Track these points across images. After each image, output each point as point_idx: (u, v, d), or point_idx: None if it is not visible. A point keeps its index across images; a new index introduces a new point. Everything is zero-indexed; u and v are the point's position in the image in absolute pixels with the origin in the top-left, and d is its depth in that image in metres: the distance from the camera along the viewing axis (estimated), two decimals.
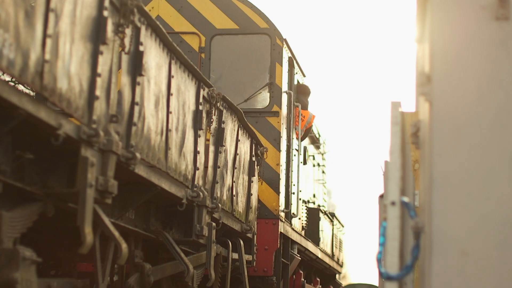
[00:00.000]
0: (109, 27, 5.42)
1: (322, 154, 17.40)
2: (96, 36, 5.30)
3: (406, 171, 4.42)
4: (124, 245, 5.86)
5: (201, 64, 11.73)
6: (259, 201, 10.94)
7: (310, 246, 13.91)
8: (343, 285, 18.35)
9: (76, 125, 5.12)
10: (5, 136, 4.75)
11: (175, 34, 11.71)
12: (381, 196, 6.92)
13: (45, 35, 4.61)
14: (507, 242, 3.43)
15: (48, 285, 5.69)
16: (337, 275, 17.77)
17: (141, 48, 6.00)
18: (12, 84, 3.97)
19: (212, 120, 7.90)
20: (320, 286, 15.17)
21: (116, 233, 5.87)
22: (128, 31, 5.75)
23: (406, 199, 3.93)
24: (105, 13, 5.36)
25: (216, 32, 11.92)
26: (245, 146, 9.41)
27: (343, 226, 18.25)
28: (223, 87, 11.41)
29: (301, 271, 13.39)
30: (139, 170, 6.08)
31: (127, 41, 5.72)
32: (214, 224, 8.07)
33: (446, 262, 3.44)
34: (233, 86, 11.77)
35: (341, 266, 18.02)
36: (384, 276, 3.76)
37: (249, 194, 9.75)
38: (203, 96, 7.64)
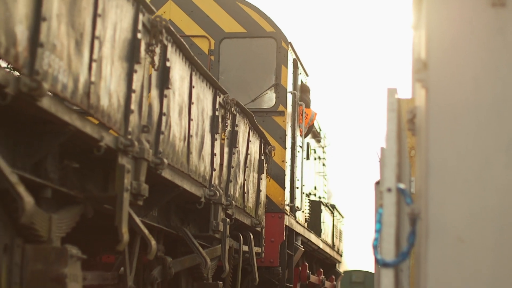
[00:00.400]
0: (142, 47, 6.02)
1: (323, 148, 17.99)
2: (131, 56, 5.89)
3: (402, 158, 4.33)
4: (153, 242, 6.47)
5: (211, 66, 12.31)
6: (266, 196, 11.54)
7: (312, 237, 14.53)
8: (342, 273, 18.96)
9: (115, 136, 5.72)
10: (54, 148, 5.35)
11: (186, 37, 12.28)
12: (377, 183, 6.85)
13: (91, 60, 5.21)
14: (503, 229, 3.40)
15: (84, 277, 6.28)
16: (337, 264, 18.40)
17: (167, 64, 6.60)
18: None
19: (227, 124, 8.50)
20: (324, 276, 15.76)
21: (146, 231, 6.48)
22: (157, 50, 6.34)
23: (402, 185, 3.86)
24: (139, 35, 5.96)
25: (224, 35, 12.50)
26: (255, 146, 10.01)
27: (342, 217, 18.89)
28: (231, 88, 11.97)
29: (306, 263, 14.00)
30: (165, 173, 6.69)
31: (156, 58, 6.31)
32: (228, 220, 8.68)
33: (442, 248, 3.41)
34: (241, 87, 12.35)
35: (341, 255, 18.65)
36: (380, 263, 3.69)
37: (258, 191, 10.36)
38: (219, 102, 8.25)
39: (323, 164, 17.85)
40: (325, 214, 15.91)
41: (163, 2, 12.64)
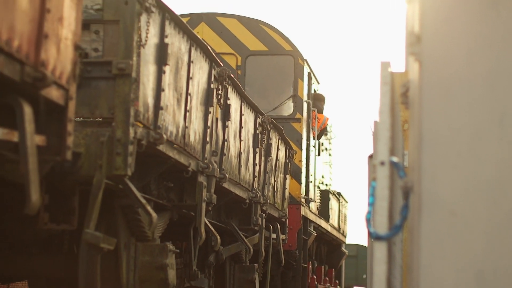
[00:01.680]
0: (214, 93, 7.93)
1: (329, 140, 19.90)
2: (207, 101, 7.81)
3: (396, 131, 4.26)
4: (218, 237, 8.41)
5: (238, 79, 14.21)
6: None
7: (322, 223, 16.49)
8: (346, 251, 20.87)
9: (196, 161, 7.65)
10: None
11: (216, 54, 14.15)
12: (371, 156, 6.78)
13: (185, 111, 7.13)
14: (496, 202, 3.35)
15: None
16: (343, 245, 20.37)
17: (228, 102, 8.52)
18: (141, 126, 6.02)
19: (264, 139, 10.42)
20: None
21: (213, 229, 8.41)
22: (223, 93, 8.26)
23: (395, 159, 3.82)
24: (212, 85, 7.87)
25: (249, 53, 14.39)
26: (282, 153, 11.96)
27: (346, 202, 20.85)
28: (255, 98, 13.88)
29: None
30: (225, 184, 8.62)
31: (222, 100, 8.23)
32: (264, 215, 10.64)
33: (435, 222, 3.36)
34: (263, 97, 14.26)
35: (345, 236, 20.62)
36: (373, 236, 3.65)
37: (284, 188, 12.32)
38: (259, 123, 10.18)
39: (329, 154, 19.76)
40: (333, 202, 17.85)
41: (197, 23, 14.51)
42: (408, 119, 5.04)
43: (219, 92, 8.15)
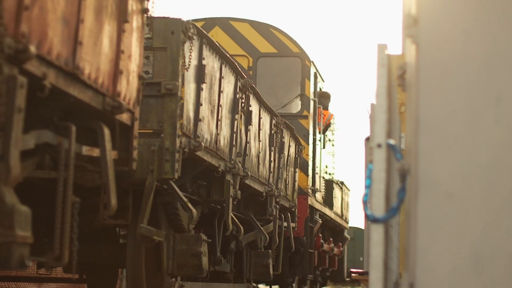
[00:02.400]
0: (239, 102, 8.97)
1: (332, 131, 20.93)
2: (233, 109, 8.85)
3: (392, 114, 4.20)
4: (241, 227, 9.45)
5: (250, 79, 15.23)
6: None
7: (327, 211, 17.56)
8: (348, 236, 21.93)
9: (225, 162, 8.69)
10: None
11: (229, 56, 15.16)
12: (367, 139, 6.72)
13: (217, 120, 8.16)
14: (493, 184, 3.32)
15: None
16: (345, 231, 21.45)
17: (250, 108, 9.56)
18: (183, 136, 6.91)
19: (278, 138, 11.47)
20: (333, 244, 18.69)
21: (236, 220, 9.46)
22: (246, 101, 9.30)
23: (392, 141, 3.78)
24: (237, 95, 8.91)
25: (260, 55, 15.40)
26: (292, 149, 13.01)
27: (349, 190, 21.92)
28: (265, 97, 14.91)
29: (320, 234, 16.98)
30: (247, 181, 9.67)
31: (245, 107, 9.27)
32: (278, 206, 11.69)
33: (432, 204, 3.34)
34: (273, 96, 15.26)
35: (348, 223, 21.70)
36: (370, 219, 3.62)
37: (294, 181, 13.38)
38: (274, 124, 11.22)
39: (332, 145, 20.80)
40: (336, 190, 18.91)
41: (211, 27, 15.51)
42: (405, 101, 4.97)
43: (243, 100, 9.19)
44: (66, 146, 4.99)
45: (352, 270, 19.18)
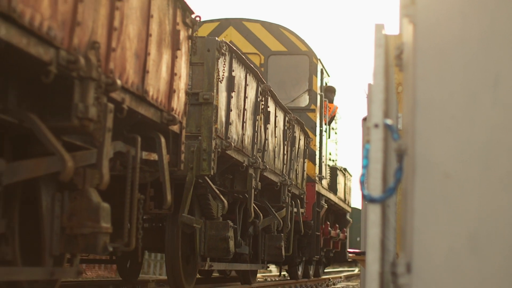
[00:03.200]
0: (260, 104, 10.10)
1: (335, 120, 22.05)
2: (255, 111, 9.98)
3: (390, 94, 4.20)
4: (261, 215, 10.61)
5: (262, 76, 16.35)
6: None
7: (331, 196, 18.72)
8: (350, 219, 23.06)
9: (248, 158, 9.83)
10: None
11: (243, 54, 16.27)
12: (365, 119, 6.75)
13: (243, 122, 9.30)
14: (490, 165, 3.29)
15: None
16: (347, 214, 22.61)
17: (268, 109, 10.69)
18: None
19: (290, 133, 12.60)
20: (339, 230, 19.86)
21: (257, 208, 10.60)
22: (265, 103, 10.42)
23: (389, 121, 3.74)
24: (258, 98, 10.04)
25: (271, 53, 16.51)
26: (302, 141, 14.16)
27: (351, 176, 23.08)
28: (276, 92, 16.03)
29: (328, 222, 18.14)
30: (266, 174, 10.82)
31: (264, 108, 10.40)
32: (290, 194, 12.85)
33: (429, 184, 3.31)
34: (283, 91, 16.39)
35: (350, 206, 22.88)
36: (367, 199, 3.59)
37: (303, 170, 14.53)
38: (287, 120, 12.35)
39: (335, 133, 21.95)
40: (340, 177, 20.07)
41: (225, 28, 16.61)
42: (402, 81, 4.88)
43: (263, 103, 10.32)
44: (132, 153, 6.13)
45: (349, 250, 20.12)
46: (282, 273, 19.74)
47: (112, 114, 5.27)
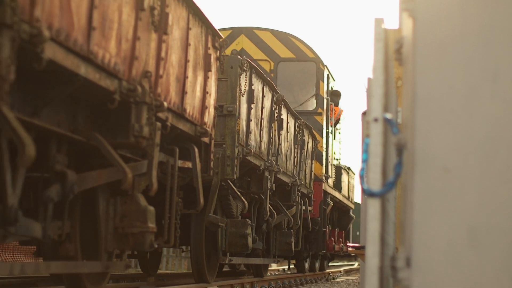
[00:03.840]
0: (275, 114, 10.98)
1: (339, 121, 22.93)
2: (270, 119, 10.87)
3: (389, 88, 4.19)
4: (275, 214, 11.52)
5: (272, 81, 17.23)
6: None
7: (336, 194, 19.62)
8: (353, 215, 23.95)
9: (264, 162, 10.72)
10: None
11: (253, 60, 17.14)
12: (364, 113, 6.75)
13: (260, 131, 10.18)
14: (489, 159, 3.26)
15: None
16: (350, 210, 23.52)
17: (282, 117, 11.58)
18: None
19: (300, 137, 13.50)
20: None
21: (271, 208, 11.52)
22: (278, 111, 11.31)
23: (389, 115, 3.71)
24: (273, 107, 10.92)
25: (280, 59, 17.40)
26: (310, 144, 15.06)
27: (354, 174, 23.98)
28: (285, 96, 16.89)
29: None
30: (279, 176, 11.71)
31: (278, 116, 11.28)
32: (300, 193, 13.74)
33: (428, 178, 3.27)
34: (292, 96, 17.28)
35: (353, 203, 23.78)
36: (366, 193, 3.56)
37: (311, 171, 15.43)
38: (297, 125, 13.25)
39: (339, 133, 22.83)
40: (344, 175, 20.97)
41: (237, 35, 17.50)
42: (401, 75, 4.78)
43: (277, 111, 11.21)
44: (171, 162, 7.03)
45: (348, 244, 20.67)
46: (290, 266, 20.63)
47: (160, 131, 6.15)
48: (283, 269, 21.46)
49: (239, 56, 9.15)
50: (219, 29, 18.13)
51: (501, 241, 3.27)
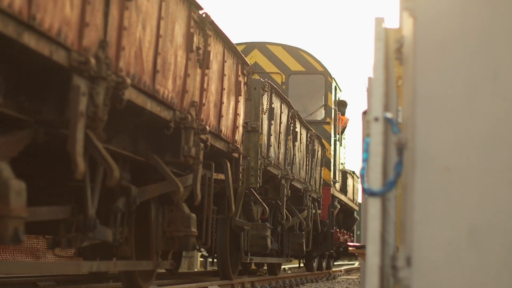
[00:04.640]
0: (291, 127, 12.05)
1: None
2: (287, 132, 11.94)
3: (390, 87, 4.19)
4: (290, 218, 12.61)
5: (283, 92, 18.29)
6: None
7: (342, 197, 20.71)
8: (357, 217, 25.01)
9: (281, 171, 11.78)
10: None
11: (266, 73, 18.23)
12: (365, 112, 6.76)
13: (278, 143, 11.25)
14: (489, 158, 3.24)
15: None
16: (355, 212, 24.59)
17: (296, 129, 12.66)
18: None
19: (311, 146, 14.57)
20: (347, 236, 21.83)
21: (287, 212, 12.61)
22: (293, 125, 12.38)
23: (389, 115, 3.65)
24: (289, 122, 11.99)
25: (291, 72, 18.48)
26: (319, 152, 16.15)
27: (358, 178, 25.06)
28: (295, 107, 17.96)
29: (337, 229, 20.05)
30: (294, 183, 12.79)
31: (293, 129, 12.34)
32: (310, 198, 14.81)
33: (429, 178, 3.26)
34: (302, 106, 18.36)
35: (357, 205, 24.86)
36: (367, 192, 3.49)
37: (320, 177, 16.51)
38: (309, 136, 14.33)
39: (344, 138, 23.89)
40: (349, 180, 22.06)
41: (251, 50, 18.57)
42: (402, 75, 4.78)
43: (292, 125, 12.29)
44: (209, 175, 8.10)
45: (349, 244, 21.40)
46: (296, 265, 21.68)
47: (203, 151, 7.23)
48: (283, 269, 22.43)
49: (261, 79, 10.23)
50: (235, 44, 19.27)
51: (501, 240, 3.25)
